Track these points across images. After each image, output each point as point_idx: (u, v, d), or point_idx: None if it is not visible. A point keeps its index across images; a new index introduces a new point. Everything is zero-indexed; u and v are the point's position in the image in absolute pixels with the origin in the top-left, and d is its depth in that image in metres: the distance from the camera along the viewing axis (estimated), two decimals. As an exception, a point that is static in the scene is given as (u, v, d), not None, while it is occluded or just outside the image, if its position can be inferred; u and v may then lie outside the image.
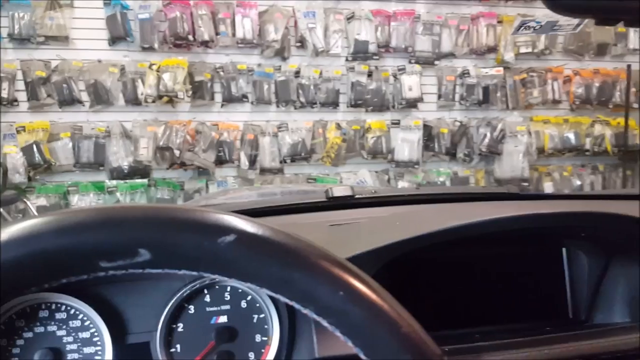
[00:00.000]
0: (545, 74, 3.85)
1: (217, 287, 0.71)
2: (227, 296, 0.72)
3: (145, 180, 3.30)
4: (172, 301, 0.68)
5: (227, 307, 0.71)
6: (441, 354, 0.41)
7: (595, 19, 0.47)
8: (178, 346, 0.69)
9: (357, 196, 1.07)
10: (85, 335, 0.67)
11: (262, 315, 0.72)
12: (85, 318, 0.67)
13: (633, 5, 0.47)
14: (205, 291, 0.71)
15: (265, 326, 0.71)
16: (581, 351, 0.73)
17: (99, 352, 0.67)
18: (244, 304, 0.72)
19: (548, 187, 3.80)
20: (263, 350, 0.71)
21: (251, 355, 0.71)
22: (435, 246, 0.77)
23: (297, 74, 3.49)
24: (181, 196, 3.39)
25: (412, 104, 3.63)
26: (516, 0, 3.78)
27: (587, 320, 0.87)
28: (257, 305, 0.72)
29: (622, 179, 3.95)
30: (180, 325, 0.69)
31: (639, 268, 0.85)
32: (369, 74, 3.58)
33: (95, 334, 0.67)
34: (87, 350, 0.67)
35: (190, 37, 3.29)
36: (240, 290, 0.72)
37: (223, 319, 0.71)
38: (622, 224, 0.79)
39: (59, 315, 0.67)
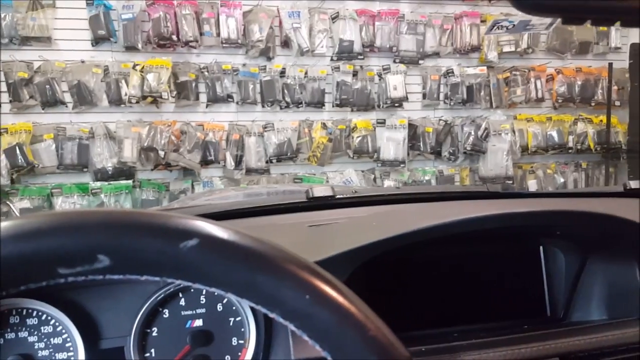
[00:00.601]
0: (528, 72, 3.88)
1: (192, 290, 0.71)
2: (203, 299, 0.71)
3: (129, 182, 3.27)
4: (146, 305, 0.67)
5: (203, 310, 0.71)
6: (409, 356, 0.41)
7: (562, 18, 0.47)
8: (152, 351, 0.68)
9: (337, 196, 1.07)
10: (58, 340, 0.66)
11: (238, 318, 0.71)
12: (57, 323, 0.66)
13: (599, 4, 0.47)
14: (180, 295, 0.70)
15: (242, 329, 0.71)
16: (558, 349, 0.74)
17: (72, 358, 0.66)
18: (220, 307, 0.71)
19: (532, 185, 3.83)
20: (240, 354, 0.70)
21: (227, 358, 0.70)
22: (413, 246, 0.77)
23: (282, 73, 3.48)
24: (166, 197, 3.37)
25: (397, 103, 3.64)
26: (499, -1, 3.81)
27: (565, 318, 0.88)
28: (234, 308, 0.71)
29: (605, 176, 4.00)
30: (155, 329, 0.69)
31: (615, 265, 0.85)
32: (354, 74, 3.59)
33: (68, 339, 0.66)
34: (60, 356, 0.66)
35: (174, 37, 3.27)
36: (216, 294, 0.71)
37: (198, 322, 0.70)
38: (597, 221, 0.79)
39: (30, 321, 0.66)
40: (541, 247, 0.89)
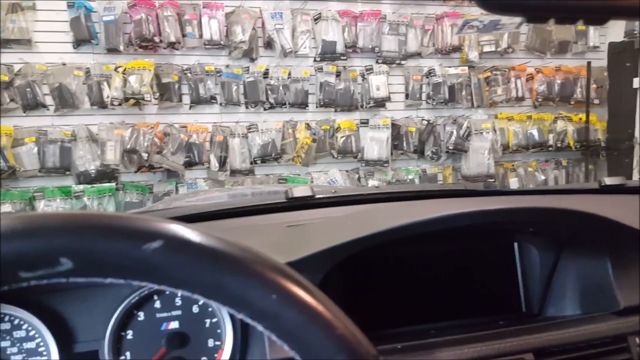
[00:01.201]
0: (508, 72, 3.92)
1: (167, 292, 0.70)
2: (179, 302, 0.71)
3: (113, 184, 3.25)
4: (120, 308, 0.67)
5: (178, 312, 0.70)
6: (376, 354, 0.41)
7: (526, 17, 0.48)
8: (127, 354, 0.68)
9: (317, 196, 1.07)
10: (31, 345, 0.66)
11: (214, 320, 0.71)
12: (30, 328, 0.66)
13: (561, 3, 0.48)
14: (156, 297, 0.70)
15: (218, 330, 0.71)
16: (532, 345, 0.74)
17: None
18: (195, 309, 0.71)
19: (513, 183, 3.86)
20: (216, 355, 0.70)
21: (203, 359, 0.70)
22: (388, 244, 0.78)
23: (265, 74, 3.48)
24: (150, 199, 3.34)
25: (380, 103, 3.66)
26: None
27: (540, 313, 0.89)
28: (210, 309, 0.71)
29: (584, 173, 4.05)
30: (130, 332, 0.68)
31: (588, 261, 0.87)
32: (337, 74, 3.60)
33: (41, 343, 0.66)
34: None
35: (157, 39, 3.25)
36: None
37: (174, 324, 0.70)
38: (570, 218, 0.81)
39: (2, 326, 0.65)
40: (516, 244, 0.90)
